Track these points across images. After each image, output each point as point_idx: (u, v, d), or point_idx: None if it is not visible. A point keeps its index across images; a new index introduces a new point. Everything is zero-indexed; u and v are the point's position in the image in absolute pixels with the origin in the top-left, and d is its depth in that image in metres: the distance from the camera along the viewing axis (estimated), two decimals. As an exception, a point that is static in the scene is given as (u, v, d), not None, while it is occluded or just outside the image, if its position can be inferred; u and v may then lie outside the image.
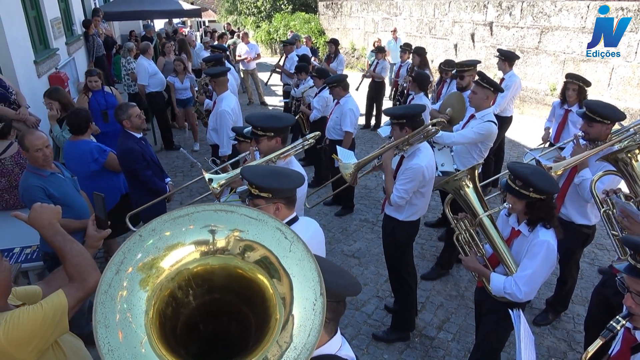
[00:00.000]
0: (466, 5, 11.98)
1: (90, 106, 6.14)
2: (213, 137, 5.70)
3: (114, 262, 1.29)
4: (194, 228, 1.36)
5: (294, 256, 1.30)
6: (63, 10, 9.75)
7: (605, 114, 3.44)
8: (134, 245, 1.32)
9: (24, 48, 6.69)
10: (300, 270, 1.27)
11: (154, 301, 1.28)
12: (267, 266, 1.32)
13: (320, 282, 1.25)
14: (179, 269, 1.35)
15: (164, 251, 1.33)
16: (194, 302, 1.40)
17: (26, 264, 3.89)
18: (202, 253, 1.36)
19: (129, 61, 9.28)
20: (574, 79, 5.15)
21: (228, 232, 1.37)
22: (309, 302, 1.22)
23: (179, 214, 1.38)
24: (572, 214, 3.79)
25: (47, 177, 3.51)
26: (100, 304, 1.22)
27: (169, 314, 1.32)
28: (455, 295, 4.66)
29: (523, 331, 1.96)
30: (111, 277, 1.26)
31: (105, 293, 1.24)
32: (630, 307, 1.85)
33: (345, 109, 5.79)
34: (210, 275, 1.38)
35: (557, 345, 3.98)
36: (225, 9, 26.14)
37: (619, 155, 3.04)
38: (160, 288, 1.31)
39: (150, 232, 1.35)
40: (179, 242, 1.35)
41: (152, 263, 1.31)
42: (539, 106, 10.45)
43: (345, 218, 6.33)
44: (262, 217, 1.37)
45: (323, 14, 19.20)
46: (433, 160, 3.76)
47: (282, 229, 1.35)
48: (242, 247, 1.35)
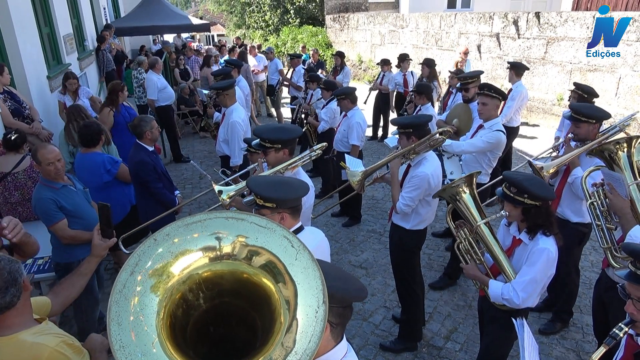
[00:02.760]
0: (472, 17, 12.06)
1: (116, 121, 6.21)
2: (224, 149, 5.78)
3: (129, 264, 1.34)
4: (199, 236, 1.41)
5: (300, 264, 1.34)
6: (75, 26, 9.98)
7: (590, 114, 3.59)
8: (149, 249, 1.38)
9: (38, 63, 6.86)
10: (305, 277, 1.31)
11: (165, 303, 1.33)
12: (273, 271, 1.37)
13: (323, 290, 1.29)
14: (190, 273, 1.40)
15: (175, 257, 1.39)
16: (205, 305, 1.45)
17: (38, 275, 3.96)
18: (211, 259, 1.41)
19: (140, 72, 9.46)
20: (577, 88, 5.19)
21: (233, 238, 1.42)
22: (312, 309, 1.26)
23: (192, 220, 1.43)
24: (567, 212, 3.85)
25: (59, 190, 3.58)
26: (114, 303, 1.27)
27: (179, 316, 1.37)
28: (463, 305, 4.65)
29: (527, 340, 1.97)
30: (126, 278, 1.32)
31: (119, 292, 1.29)
32: (632, 314, 1.86)
33: (352, 122, 5.83)
34: (220, 279, 1.43)
35: (565, 356, 3.96)
36: (234, 23, 26.47)
37: (605, 146, 3.13)
38: (172, 291, 1.36)
39: (165, 236, 1.40)
40: (188, 248, 1.40)
41: (164, 268, 1.37)
42: (546, 116, 10.45)
43: (352, 229, 6.35)
44: (270, 225, 1.42)
45: (330, 27, 19.39)
46: (439, 169, 3.81)
47: (289, 238, 1.39)
48: (248, 252, 1.40)
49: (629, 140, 3.07)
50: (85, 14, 11.13)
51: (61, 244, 3.65)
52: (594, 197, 3.14)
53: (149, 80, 8.44)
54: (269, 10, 22.57)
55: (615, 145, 3.07)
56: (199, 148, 10.17)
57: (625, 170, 3.01)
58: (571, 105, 3.84)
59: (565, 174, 3.79)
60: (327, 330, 1.58)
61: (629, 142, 3.06)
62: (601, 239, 3.07)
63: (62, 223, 3.56)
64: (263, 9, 22.93)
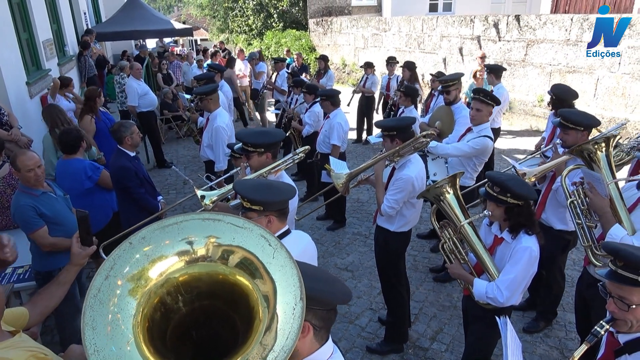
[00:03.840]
0: (453, 20, 12.19)
1: (98, 127, 6.11)
2: (208, 154, 5.74)
3: (104, 268, 1.33)
4: (170, 242, 1.40)
5: (277, 262, 1.35)
6: (55, 31, 9.83)
7: (578, 121, 3.59)
8: (124, 253, 1.36)
9: (16, 69, 6.73)
10: (283, 275, 1.32)
11: (142, 307, 1.32)
12: (249, 268, 1.37)
13: (300, 287, 1.30)
14: (167, 277, 1.39)
15: (151, 262, 1.37)
16: (184, 308, 1.44)
17: (18, 284, 3.88)
18: (187, 262, 1.41)
19: (123, 77, 9.37)
20: (551, 91, 5.20)
21: (205, 239, 1.41)
22: (289, 306, 1.26)
23: (168, 223, 1.42)
24: (551, 219, 3.89)
25: (39, 197, 3.52)
26: (89, 308, 1.27)
27: (157, 319, 1.36)
28: (448, 306, 4.68)
29: (510, 338, 1.99)
30: (100, 282, 1.31)
31: (94, 297, 1.28)
32: (613, 312, 1.88)
33: (334, 122, 5.87)
34: (198, 282, 1.42)
35: (549, 353, 4.01)
36: (217, 28, 26.32)
37: (585, 146, 3.17)
38: (150, 295, 1.35)
39: (141, 240, 1.39)
40: (164, 254, 1.39)
41: (141, 273, 1.35)
42: (527, 117, 10.60)
43: (338, 232, 6.36)
44: (247, 225, 1.42)
45: (313, 31, 19.43)
46: (423, 172, 3.83)
47: (267, 236, 1.40)
48: (223, 252, 1.40)
49: (607, 140, 3.12)
50: (65, 18, 10.97)
51: (41, 252, 3.59)
52: (574, 196, 3.20)
53: (129, 86, 8.35)
54: (252, 15, 22.51)
55: (594, 145, 3.12)
56: (183, 153, 10.10)
57: (604, 169, 3.06)
58: (560, 112, 3.82)
59: (552, 180, 3.80)
60: (310, 332, 1.57)
61: (606, 142, 3.11)
62: (582, 237, 3.14)
63: (43, 230, 3.50)
64: (246, 13, 22.86)
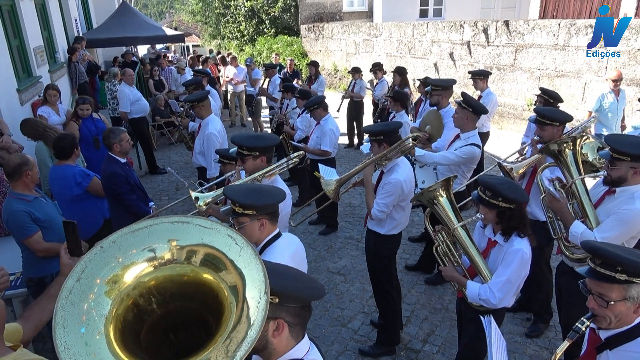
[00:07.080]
0: (443, 26, 12.32)
1: (81, 133, 6.14)
2: (200, 160, 5.76)
3: (76, 271, 1.39)
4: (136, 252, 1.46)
5: (244, 260, 1.42)
6: (46, 38, 9.81)
7: (553, 117, 3.80)
8: (95, 256, 1.42)
9: (7, 76, 6.72)
10: (249, 272, 1.40)
11: (114, 308, 1.38)
12: (214, 263, 1.45)
13: (265, 282, 1.37)
14: (138, 280, 1.45)
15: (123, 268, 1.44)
16: (159, 310, 1.49)
17: (10, 291, 3.86)
18: (156, 266, 1.47)
19: (114, 84, 9.38)
20: (542, 92, 5.36)
21: (166, 244, 1.48)
22: (254, 300, 1.34)
23: (138, 227, 1.49)
24: (536, 212, 3.97)
25: (32, 202, 3.53)
26: (60, 308, 1.32)
27: (130, 320, 1.41)
28: (440, 308, 4.72)
29: (494, 336, 2.03)
30: (72, 285, 1.37)
31: (66, 298, 1.34)
32: (594, 309, 1.93)
33: (325, 129, 5.90)
34: (169, 283, 1.48)
35: (539, 354, 4.05)
36: (209, 34, 26.34)
37: (552, 147, 3.40)
38: (122, 297, 1.41)
39: (111, 244, 1.46)
40: (133, 260, 1.46)
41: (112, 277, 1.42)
42: (517, 121, 10.71)
43: (330, 236, 6.39)
44: (214, 226, 1.50)
45: (305, 37, 19.52)
46: (411, 175, 3.88)
47: (233, 236, 1.48)
48: (187, 253, 1.48)
49: (574, 139, 3.35)
50: (56, 25, 10.95)
51: (33, 259, 3.59)
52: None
53: (121, 92, 8.37)
54: (244, 21, 22.57)
55: (562, 145, 3.34)
56: (175, 159, 10.11)
57: (572, 166, 3.31)
58: (536, 109, 4.03)
59: (532, 175, 3.94)
60: (285, 329, 1.61)
61: (574, 141, 3.34)
62: (553, 230, 3.47)
63: (37, 235, 3.51)
64: (238, 20, 22.92)
